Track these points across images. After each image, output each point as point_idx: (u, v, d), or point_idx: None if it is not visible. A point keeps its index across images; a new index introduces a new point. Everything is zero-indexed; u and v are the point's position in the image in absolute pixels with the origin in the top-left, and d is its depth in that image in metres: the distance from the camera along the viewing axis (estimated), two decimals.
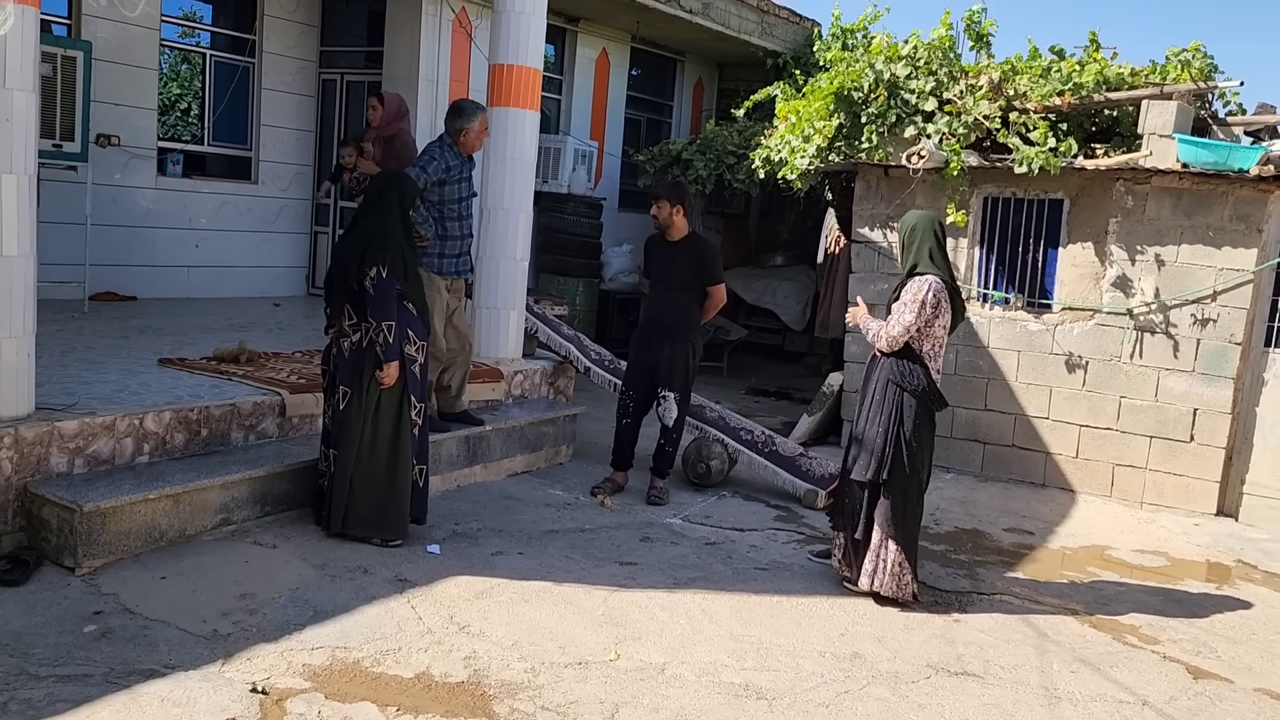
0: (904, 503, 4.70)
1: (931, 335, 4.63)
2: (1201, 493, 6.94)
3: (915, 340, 4.62)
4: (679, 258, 6.03)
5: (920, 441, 4.67)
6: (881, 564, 4.72)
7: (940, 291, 4.57)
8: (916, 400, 4.62)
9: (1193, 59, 7.53)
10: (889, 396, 4.64)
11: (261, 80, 9.50)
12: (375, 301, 4.65)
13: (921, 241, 4.65)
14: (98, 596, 4.01)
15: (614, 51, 11.77)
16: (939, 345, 4.68)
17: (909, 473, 4.66)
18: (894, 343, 4.62)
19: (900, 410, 4.61)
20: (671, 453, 6.21)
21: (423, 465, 4.99)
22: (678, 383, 6.08)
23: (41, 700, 3.23)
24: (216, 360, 5.95)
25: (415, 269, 4.90)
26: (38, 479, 4.35)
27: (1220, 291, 6.82)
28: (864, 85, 7.84)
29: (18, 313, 4.30)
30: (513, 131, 6.72)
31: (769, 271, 11.82)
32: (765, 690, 3.79)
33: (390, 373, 4.71)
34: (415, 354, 4.85)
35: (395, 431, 4.81)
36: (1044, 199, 7.42)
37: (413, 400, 4.86)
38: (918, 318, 4.54)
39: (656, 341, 6.06)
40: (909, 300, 4.57)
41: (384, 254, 4.65)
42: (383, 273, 4.63)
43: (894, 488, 4.67)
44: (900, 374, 4.64)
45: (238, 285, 9.44)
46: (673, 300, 6.06)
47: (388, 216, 4.77)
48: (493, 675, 3.70)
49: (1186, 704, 4.05)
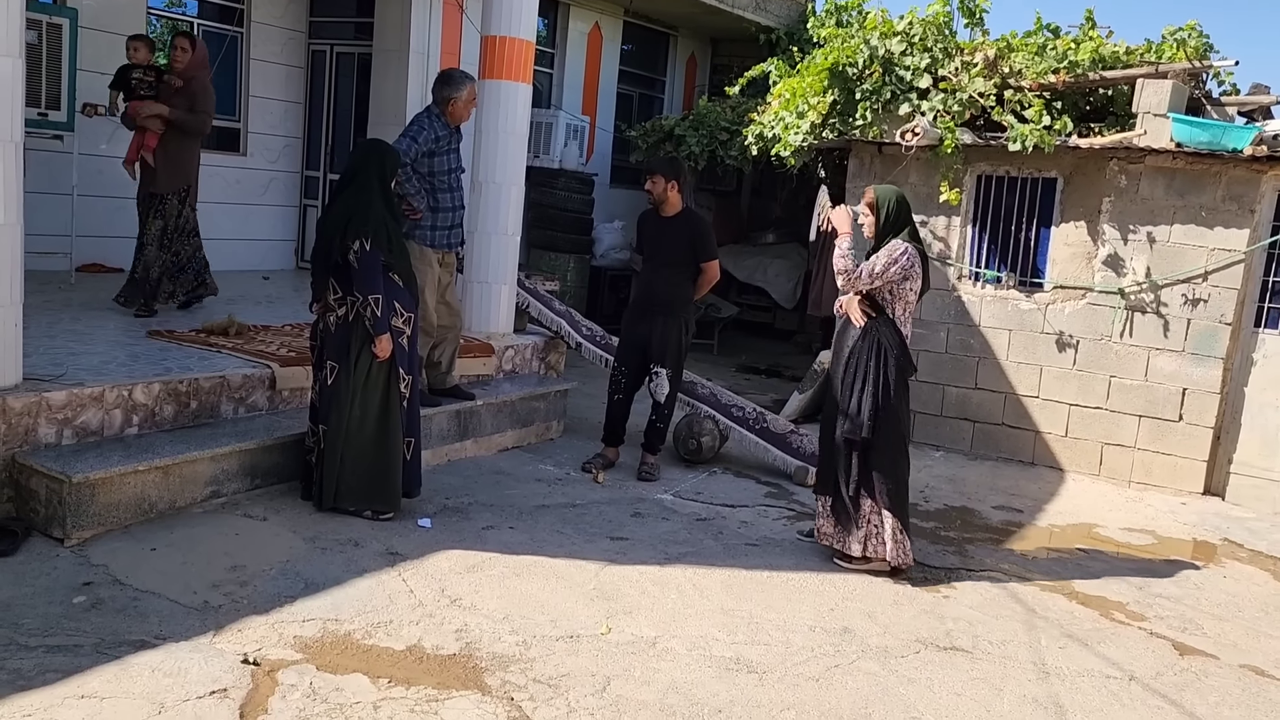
0: (893, 468, 4.77)
1: (903, 298, 4.76)
2: (1189, 472, 6.98)
3: (888, 302, 4.75)
4: (673, 234, 5.99)
5: (901, 404, 4.78)
6: (875, 529, 4.79)
7: (915, 257, 4.73)
8: (894, 362, 4.72)
9: (1188, 38, 7.53)
10: (868, 360, 4.74)
11: (250, 50, 9.39)
12: (361, 275, 4.62)
13: (904, 216, 4.83)
14: (87, 567, 3.99)
15: (606, 25, 11.67)
16: (909, 310, 4.81)
17: (894, 435, 4.75)
18: (854, 281, 4.73)
19: (882, 372, 4.71)
20: (663, 429, 6.20)
21: (412, 438, 4.96)
22: (670, 359, 6.07)
23: (31, 670, 3.22)
24: (205, 333, 5.91)
25: (400, 240, 4.86)
26: (26, 450, 4.32)
27: (1211, 271, 6.83)
28: (859, 61, 7.80)
29: (5, 282, 4.25)
30: (505, 104, 6.67)
31: (760, 249, 11.80)
32: (756, 664, 3.81)
33: (383, 345, 4.70)
34: (403, 326, 4.83)
35: (384, 404, 4.79)
36: (1038, 178, 7.42)
37: (400, 373, 4.83)
38: (885, 270, 4.68)
39: (649, 317, 6.04)
40: (883, 255, 4.73)
41: (365, 227, 4.61)
42: (366, 245, 4.60)
43: (881, 452, 4.75)
44: (876, 337, 4.74)
45: (226, 258, 9.30)
46: (666, 276, 6.03)
47: (367, 189, 4.73)
48: (484, 648, 3.70)
49: (1173, 679, 4.09)
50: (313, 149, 10.01)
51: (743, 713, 3.45)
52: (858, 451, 4.78)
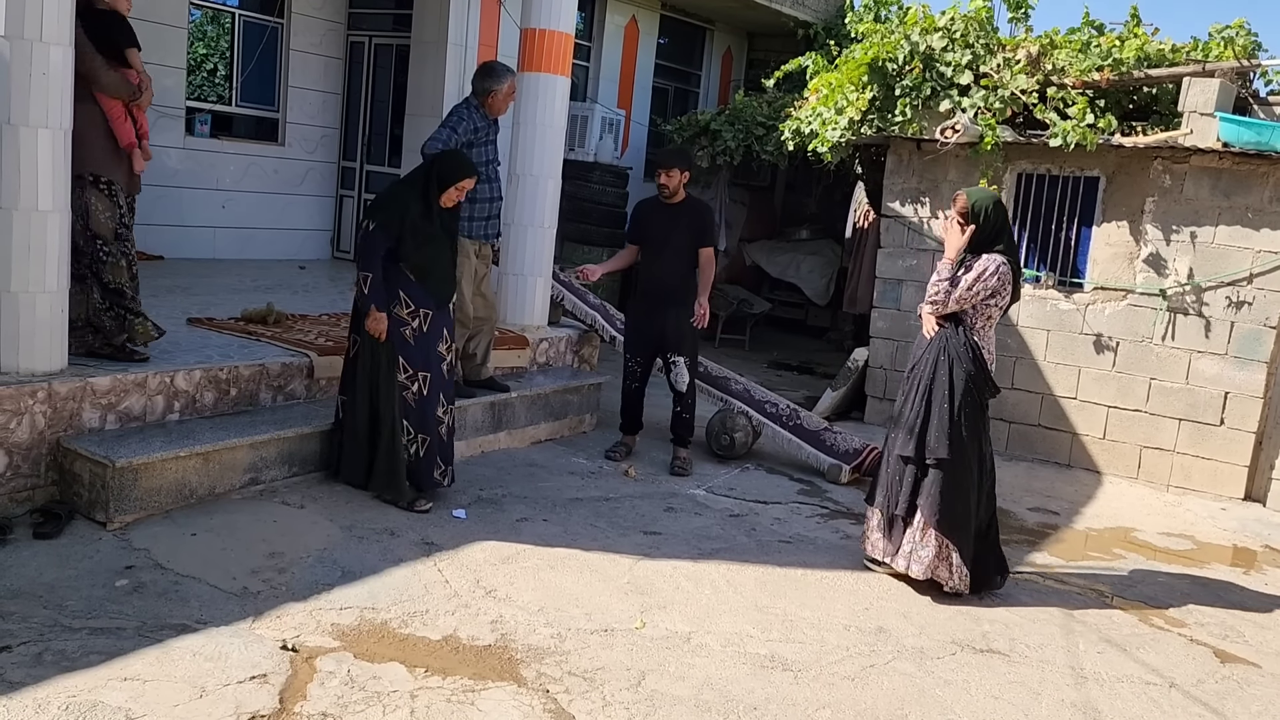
0: (952, 488, 4.48)
1: (984, 313, 4.50)
2: (1230, 477, 6.87)
3: (967, 314, 4.50)
4: (680, 221, 6.03)
5: (971, 424, 4.48)
6: (919, 548, 4.54)
7: (1006, 276, 4.44)
8: (966, 379, 4.47)
9: (1236, 36, 7.39)
10: (938, 374, 4.50)
11: (289, 41, 9.46)
12: (359, 251, 4.88)
13: (1000, 224, 4.51)
14: (129, 551, 4.04)
15: (643, 19, 11.65)
16: (991, 323, 4.54)
17: (957, 455, 4.46)
18: (941, 308, 4.50)
19: (950, 388, 4.46)
20: (689, 419, 6.20)
21: (426, 435, 4.90)
22: (687, 347, 6.11)
23: (75, 651, 3.26)
24: (244, 321, 5.96)
25: (427, 239, 4.81)
26: (70, 434, 4.38)
27: (1257, 274, 6.71)
28: (899, 57, 7.73)
29: (51, 268, 4.30)
30: (543, 97, 6.66)
31: (794, 245, 11.73)
32: (791, 662, 3.79)
33: (370, 321, 4.72)
34: (407, 318, 4.82)
35: (376, 389, 4.82)
36: (1079, 176, 7.31)
37: (402, 364, 4.83)
38: (973, 293, 4.42)
39: (661, 308, 6.06)
40: (971, 275, 4.44)
41: (378, 212, 4.78)
42: (371, 226, 4.75)
43: (940, 469, 4.49)
44: (951, 352, 4.50)
45: (263, 247, 9.44)
46: (674, 265, 6.06)
47: (405, 183, 4.93)
48: (519, 640, 3.71)
49: (1214, 687, 4.03)
50: (350, 140, 10.07)
51: (778, 710, 3.44)
52: (914, 468, 4.54)
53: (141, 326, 4.77)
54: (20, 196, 4.16)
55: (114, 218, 4.69)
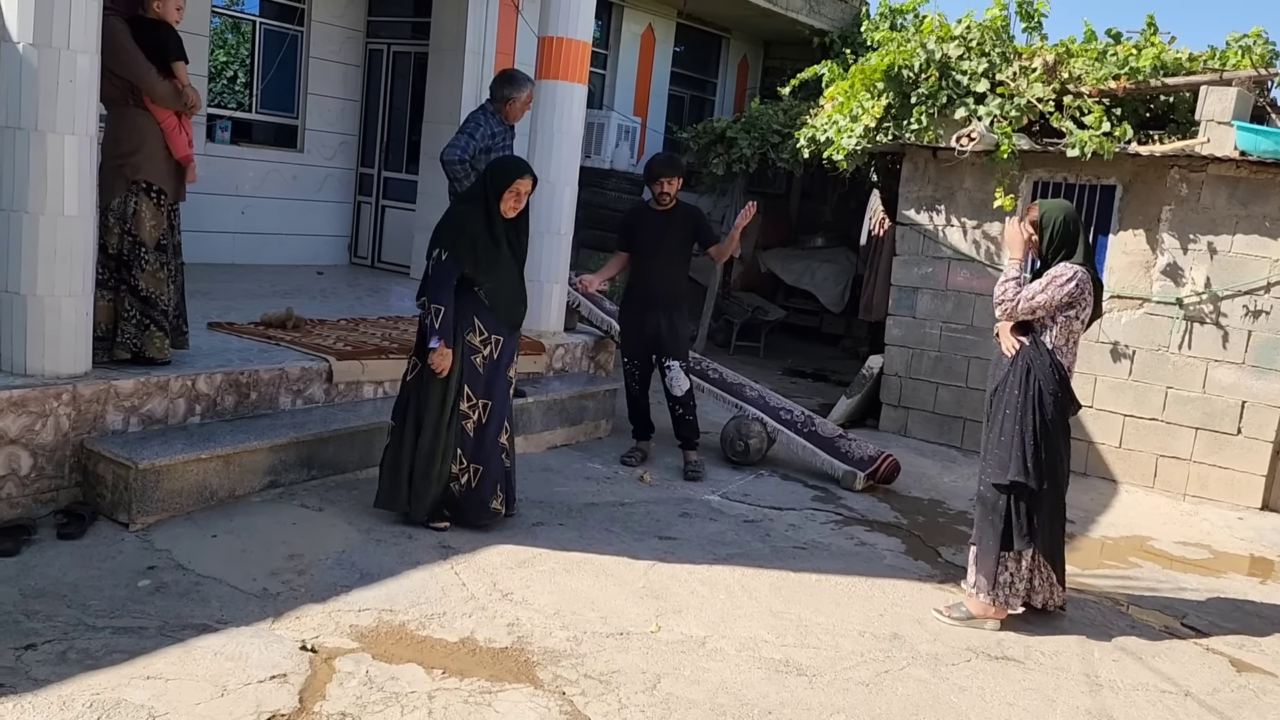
0: (1050, 518, 4.39)
1: (1065, 327, 4.25)
2: (1247, 486, 6.85)
3: (1047, 329, 4.26)
4: (673, 226, 6.14)
5: (1057, 443, 4.32)
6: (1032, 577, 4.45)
7: (1085, 284, 4.21)
8: (1049, 396, 4.25)
9: (1254, 44, 7.39)
10: (1018, 394, 4.27)
11: (309, 49, 9.54)
12: (430, 282, 4.52)
13: (1072, 235, 4.28)
14: (151, 552, 4.10)
15: (660, 27, 11.70)
16: (1073, 339, 4.31)
17: (1048, 476, 4.31)
18: (1012, 312, 4.27)
19: (1034, 409, 4.24)
20: (692, 420, 6.24)
21: (479, 465, 4.68)
22: (682, 351, 6.22)
23: (99, 650, 3.31)
24: (264, 325, 6.02)
25: (498, 264, 4.60)
26: (94, 436, 4.44)
27: (1274, 283, 6.69)
28: (915, 65, 7.75)
29: (77, 272, 4.37)
30: (561, 105, 6.71)
31: (809, 253, 11.75)
32: (805, 667, 3.81)
33: (435, 358, 4.47)
34: (479, 345, 4.60)
35: (431, 418, 4.57)
36: (1095, 185, 7.32)
37: (467, 392, 4.61)
38: (1045, 300, 4.20)
39: (654, 311, 6.14)
40: (1043, 281, 4.24)
41: (444, 239, 4.51)
42: (442, 256, 4.49)
43: (1037, 498, 4.31)
44: (1026, 365, 4.28)
45: (282, 253, 9.52)
46: (668, 270, 6.16)
47: (465, 202, 4.70)
48: (536, 642, 3.74)
49: (1230, 696, 4.02)
50: (368, 147, 10.15)
51: (792, 715, 3.45)
52: (1012, 498, 4.32)
53: (159, 340, 4.76)
54: (47, 202, 4.23)
55: (158, 226, 4.75)
